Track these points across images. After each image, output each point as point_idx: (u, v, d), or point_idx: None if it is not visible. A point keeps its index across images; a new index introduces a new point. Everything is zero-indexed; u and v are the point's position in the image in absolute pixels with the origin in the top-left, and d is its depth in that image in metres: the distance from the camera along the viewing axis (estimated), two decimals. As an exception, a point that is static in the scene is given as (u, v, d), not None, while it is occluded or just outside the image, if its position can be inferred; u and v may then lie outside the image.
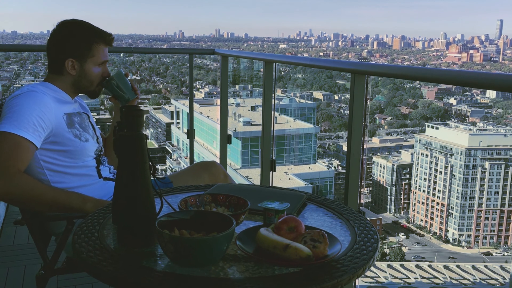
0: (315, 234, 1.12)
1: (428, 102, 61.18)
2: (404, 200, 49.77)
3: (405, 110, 60.36)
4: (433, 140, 46.49)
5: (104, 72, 1.93)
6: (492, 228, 45.04)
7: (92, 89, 1.93)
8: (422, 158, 47.28)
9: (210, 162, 2.09)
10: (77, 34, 1.86)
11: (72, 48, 1.85)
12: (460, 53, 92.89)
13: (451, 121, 53.36)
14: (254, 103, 37.16)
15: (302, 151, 36.84)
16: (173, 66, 56.68)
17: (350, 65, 2.46)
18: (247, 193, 1.53)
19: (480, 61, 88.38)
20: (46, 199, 1.65)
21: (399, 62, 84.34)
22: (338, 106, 60.96)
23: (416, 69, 2.35)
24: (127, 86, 1.99)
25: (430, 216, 47.02)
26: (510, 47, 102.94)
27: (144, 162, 1.19)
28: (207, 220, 1.18)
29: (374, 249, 1.20)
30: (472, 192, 45.23)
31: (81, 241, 1.22)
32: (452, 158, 45.26)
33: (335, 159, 47.51)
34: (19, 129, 1.62)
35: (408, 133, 54.54)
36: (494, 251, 43.97)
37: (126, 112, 1.19)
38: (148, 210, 1.20)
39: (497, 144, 44.27)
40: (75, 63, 1.85)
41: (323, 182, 37.92)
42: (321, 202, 1.56)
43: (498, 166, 44.42)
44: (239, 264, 1.12)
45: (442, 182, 46.22)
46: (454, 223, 45.37)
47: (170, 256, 1.09)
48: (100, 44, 1.88)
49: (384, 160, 49.32)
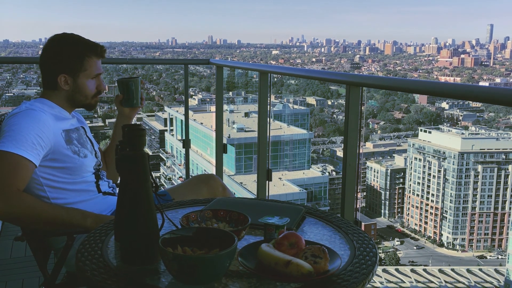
0: (316, 250, 1.15)
1: (420, 107, 61.53)
2: (398, 205, 49.90)
3: (398, 115, 60.66)
4: (426, 144, 46.70)
5: (98, 85, 1.93)
6: (486, 231, 45.23)
7: (88, 102, 1.93)
8: (416, 162, 47.47)
9: (208, 176, 2.11)
10: (67, 49, 1.86)
11: (64, 64, 1.85)
12: (451, 57, 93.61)
13: (444, 125, 53.66)
14: (247, 109, 37.22)
15: (296, 157, 36.89)
16: (166, 74, 56.66)
17: (345, 76, 2.50)
18: (246, 207, 1.55)
19: (471, 66, 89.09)
20: (47, 217, 1.66)
21: (391, 67, 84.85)
22: (332, 111, 61.16)
23: (410, 82, 2.39)
24: (139, 93, 2.09)
25: (424, 220, 47.16)
26: (500, 51, 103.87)
27: (146, 180, 1.21)
28: (209, 236, 1.20)
29: (373, 263, 1.22)
30: (465, 195, 45.42)
31: (84, 259, 1.23)
32: (445, 162, 45.47)
33: (329, 164, 47.61)
34: (18, 148, 1.63)
35: (401, 137, 54.79)
36: (488, 254, 44.15)
37: (129, 131, 1.22)
38: (150, 228, 1.22)
39: (489, 147, 44.53)
40: (68, 78, 1.85)
41: (317, 187, 37.96)
42: (319, 215, 1.58)
43: (490, 169, 44.66)
44: (242, 280, 1.14)
45: (435, 186, 46.39)
46: (448, 227, 45.52)
47: (174, 274, 1.11)
48: (92, 58, 1.88)
49: (377, 165, 49.47)
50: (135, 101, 2.08)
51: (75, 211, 1.72)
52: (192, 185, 2.07)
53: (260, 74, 3.35)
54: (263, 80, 3.36)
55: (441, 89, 2.07)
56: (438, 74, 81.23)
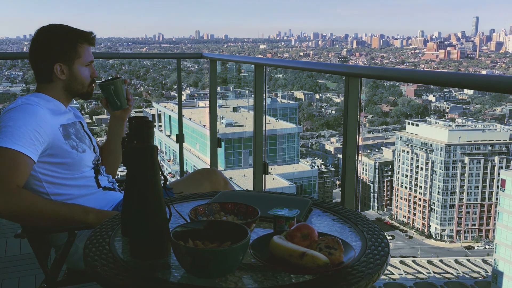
0: (330, 241, 1.14)
1: (408, 99, 61.92)
2: (387, 197, 50.29)
3: (385, 108, 61.01)
4: (414, 137, 47.07)
5: (92, 72, 1.91)
6: (473, 222, 45.79)
7: (85, 90, 1.90)
8: (404, 155, 47.84)
9: (210, 170, 2.09)
10: (60, 37, 1.84)
11: (58, 52, 1.82)
12: (437, 50, 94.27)
13: (431, 117, 54.09)
14: (236, 104, 37.14)
15: (285, 151, 36.96)
16: (154, 69, 56.32)
17: (343, 68, 2.49)
18: (253, 200, 1.53)
19: (457, 58, 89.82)
20: (47, 213, 1.63)
21: (379, 61, 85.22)
22: (320, 105, 61.30)
23: (408, 71, 2.38)
24: (122, 95, 1.99)
25: (412, 212, 47.59)
26: (486, 43, 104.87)
27: (156, 173, 1.19)
28: (220, 229, 1.18)
29: (386, 253, 1.21)
30: (453, 187, 45.91)
31: (93, 254, 1.21)
32: (433, 154, 45.89)
33: (318, 158, 47.77)
34: (15, 144, 1.59)
35: (389, 130, 55.15)
36: (476, 245, 44.72)
37: (136, 123, 1.19)
38: (161, 222, 1.19)
39: (476, 139, 45.01)
40: (63, 67, 1.83)
41: (306, 181, 38.09)
42: (326, 206, 1.57)
43: (477, 161, 45.16)
44: (255, 273, 1.13)
45: (423, 178, 46.81)
46: (436, 218, 46.01)
47: (187, 268, 1.09)
48: (84, 44, 1.86)
49: (366, 158, 49.77)
50: (119, 104, 1.98)
51: (77, 207, 1.69)
52: (194, 179, 2.04)
53: (255, 68, 3.33)
54: (258, 73, 3.34)
55: (440, 78, 2.07)
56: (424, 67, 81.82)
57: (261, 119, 3.40)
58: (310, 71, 2.98)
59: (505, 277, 33.90)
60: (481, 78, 1.93)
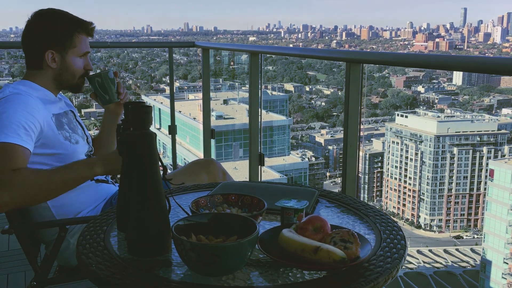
0: (345, 234, 1.05)
1: (397, 91, 62.12)
2: (377, 188, 50.54)
3: (375, 99, 61.15)
4: (403, 128, 47.27)
5: (86, 64, 1.79)
6: (462, 212, 46.20)
7: (75, 82, 1.79)
8: (393, 146, 48.04)
9: (207, 160, 2.00)
10: (57, 24, 1.73)
11: (52, 39, 1.71)
12: (426, 41, 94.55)
13: (420, 108, 54.33)
14: (226, 96, 36.91)
15: (276, 143, 36.88)
16: (142, 62, 55.83)
17: (344, 54, 2.40)
18: (257, 191, 1.44)
19: (446, 49, 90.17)
20: (55, 184, 1.50)
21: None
22: (310, 97, 61.27)
23: (410, 56, 2.31)
24: (111, 88, 1.83)
25: (402, 203, 47.89)
26: (474, 34, 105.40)
27: (155, 162, 1.09)
28: (226, 223, 1.09)
29: (403, 246, 1.13)
30: (442, 177, 46.23)
31: (87, 251, 1.11)
32: (422, 145, 46.12)
33: (308, 150, 47.81)
34: (9, 136, 1.47)
35: (378, 121, 55.32)
36: (465, 234, 45.17)
37: (133, 108, 1.09)
38: (161, 216, 1.10)
39: (464, 130, 45.32)
40: (56, 55, 1.72)
41: (297, 173, 38.08)
42: (334, 197, 1.49)
43: (466, 151, 45.48)
44: (265, 270, 1.04)
45: (412, 169, 47.07)
46: (425, 208, 46.35)
47: (190, 265, 1.00)
48: (82, 34, 1.75)
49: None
50: (108, 97, 1.83)
51: (79, 164, 1.57)
52: (191, 171, 1.95)
53: (250, 55, 3.22)
54: (253, 62, 3.24)
55: (443, 61, 1.99)
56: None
57: (256, 108, 3.31)
58: (309, 57, 2.89)
59: (493, 266, 34.29)
60: (483, 60, 1.84)
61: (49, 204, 1.69)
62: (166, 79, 46.34)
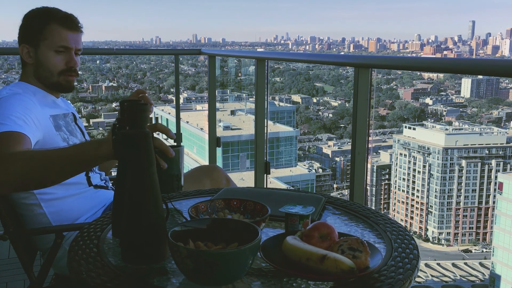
0: (354, 242, 0.98)
1: (405, 103, 61.90)
2: (385, 200, 50.17)
3: (382, 112, 60.95)
4: (411, 140, 47.03)
5: (68, 61, 1.67)
6: (471, 225, 45.71)
7: (55, 80, 1.67)
8: (401, 158, 47.76)
9: (211, 167, 1.93)
10: (29, 17, 1.68)
11: (24, 32, 1.67)
12: (434, 54, 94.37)
13: (428, 121, 54.07)
14: (233, 107, 36.96)
15: (283, 154, 36.78)
16: (151, 72, 56.13)
17: (353, 59, 2.33)
18: (260, 196, 1.37)
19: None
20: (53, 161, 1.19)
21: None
22: (317, 108, 61.20)
23: (421, 60, 2.24)
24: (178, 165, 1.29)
25: (410, 216, 47.47)
26: (482, 47, 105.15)
27: (151, 164, 1.03)
28: (226, 229, 1.03)
29: (416, 256, 1.06)
30: (450, 190, 45.82)
31: (78, 258, 1.04)
32: (430, 157, 45.82)
33: (315, 161, 47.64)
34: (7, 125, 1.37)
35: (386, 133, 55.08)
36: (473, 248, 44.63)
37: (129, 106, 1.03)
38: (157, 221, 1.03)
39: (472, 143, 45.00)
40: (30, 49, 1.66)
41: (304, 185, 37.91)
42: (342, 204, 1.41)
43: (474, 164, 45.11)
44: (268, 279, 0.97)
45: (420, 182, 46.72)
46: (433, 221, 45.90)
47: (187, 273, 0.93)
48: (53, 25, 1.64)
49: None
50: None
51: (86, 143, 1.36)
52: (194, 176, 1.88)
53: (257, 62, 3.17)
54: (260, 68, 3.19)
55: (453, 65, 1.92)
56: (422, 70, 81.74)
57: (263, 116, 3.25)
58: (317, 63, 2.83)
59: (502, 281, 33.78)
60: (493, 63, 1.77)
61: (46, 210, 1.63)
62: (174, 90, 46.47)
